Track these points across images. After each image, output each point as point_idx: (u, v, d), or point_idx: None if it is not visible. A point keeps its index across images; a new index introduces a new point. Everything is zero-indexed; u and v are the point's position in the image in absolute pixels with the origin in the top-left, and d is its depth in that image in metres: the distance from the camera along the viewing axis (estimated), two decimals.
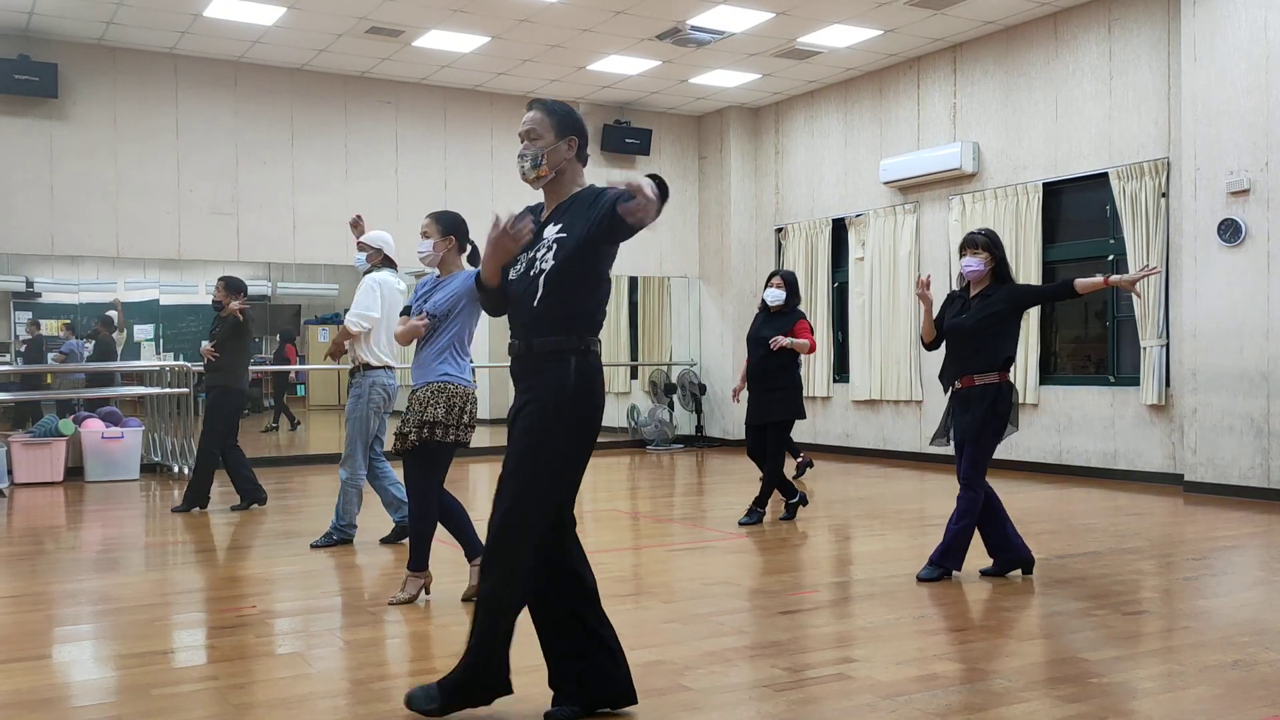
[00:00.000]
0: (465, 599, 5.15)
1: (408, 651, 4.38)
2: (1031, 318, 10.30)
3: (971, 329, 5.53)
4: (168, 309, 16.37)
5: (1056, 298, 5.90)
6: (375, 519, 7.29)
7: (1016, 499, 7.41)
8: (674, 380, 14.29)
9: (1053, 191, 10.47)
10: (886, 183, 11.84)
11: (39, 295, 15.16)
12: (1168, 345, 9.42)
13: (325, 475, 10.82)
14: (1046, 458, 10.41)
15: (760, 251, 13.78)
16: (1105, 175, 9.88)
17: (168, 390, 10.94)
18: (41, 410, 11.72)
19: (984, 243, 5.62)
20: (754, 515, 7.58)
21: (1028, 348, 10.30)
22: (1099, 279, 5.49)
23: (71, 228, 10.88)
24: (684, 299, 14.66)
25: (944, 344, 5.77)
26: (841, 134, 12.67)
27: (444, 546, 6.52)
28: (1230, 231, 8.66)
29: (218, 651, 4.39)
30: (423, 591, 5.23)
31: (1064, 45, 10.25)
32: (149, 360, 14.75)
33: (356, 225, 6.84)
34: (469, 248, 5.23)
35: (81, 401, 11.73)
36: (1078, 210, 10.44)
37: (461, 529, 5.28)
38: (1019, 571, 5.69)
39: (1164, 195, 9.43)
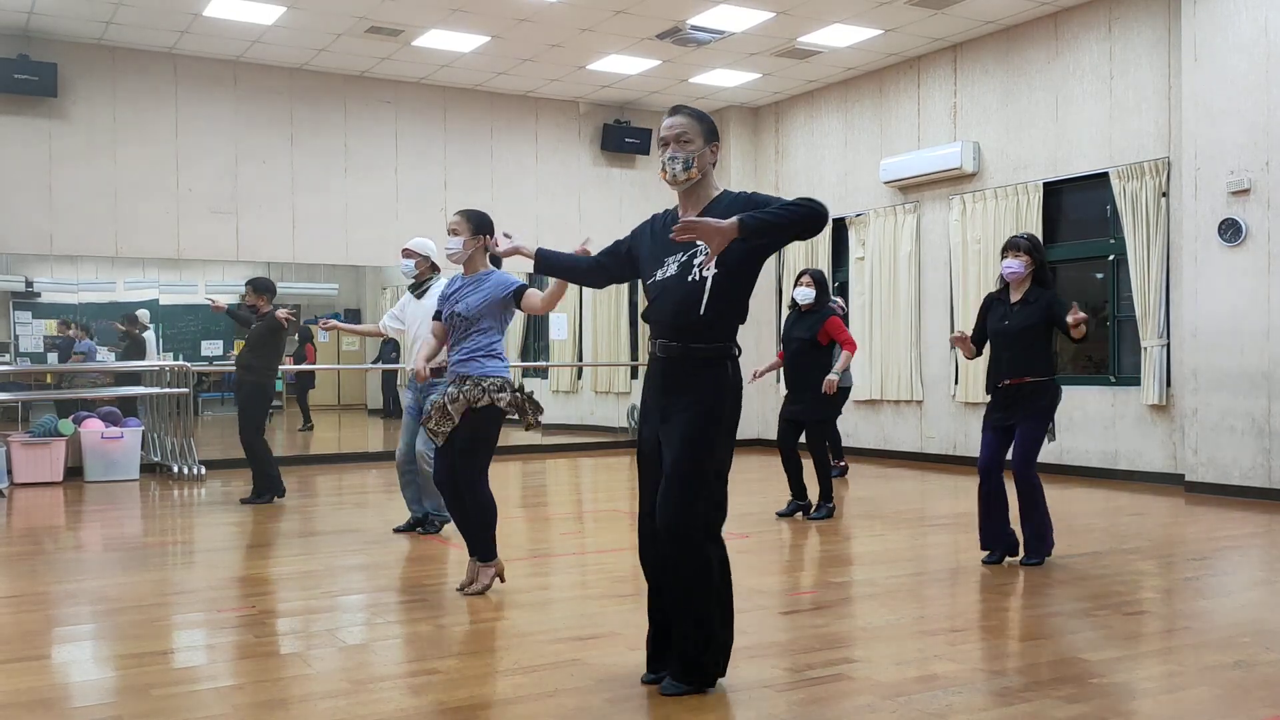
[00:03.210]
0: (461, 589, 5.23)
1: (408, 652, 4.37)
2: None
3: (1017, 335, 5.76)
4: (167, 309, 16.33)
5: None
6: (386, 516, 7.29)
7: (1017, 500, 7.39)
8: None
9: (1053, 191, 10.47)
10: (887, 182, 11.84)
11: (38, 295, 15.12)
12: (1168, 345, 9.41)
13: (327, 475, 10.81)
14: (1047, 458, 10.27)
15: None
16: (1105, 175, 9.88)
17: (168, 390, 10.92)
18: (65, 409, 11.67)
19: (1026, 246, 5.80)
20: (823, 510, 7.62)
21: None
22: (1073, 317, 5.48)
23: (71, 228, 10.88)
24: None
25: (987, 347, 5.97)
26: (841, 134, 12.67)
27: (448, 549, 6.53)
28: (1231, 231, 8.65)
29: (217, 651, 4.39)
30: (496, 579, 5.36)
31: (1064, 45, 10.24)
32: (148, 360, 14.70)
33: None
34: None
35: (106, 401, 11.65)
36: (1078, 210, 10.44)
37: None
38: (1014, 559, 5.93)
39: (1164, 195, 9.42)
